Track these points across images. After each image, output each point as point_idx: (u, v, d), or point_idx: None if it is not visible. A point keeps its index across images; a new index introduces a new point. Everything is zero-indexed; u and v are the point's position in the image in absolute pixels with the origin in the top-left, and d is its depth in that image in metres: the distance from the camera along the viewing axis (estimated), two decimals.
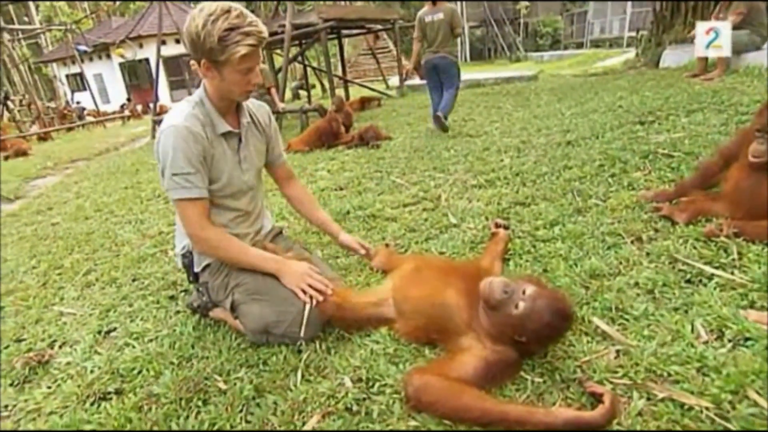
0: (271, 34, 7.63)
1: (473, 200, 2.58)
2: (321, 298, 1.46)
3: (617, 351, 1.26)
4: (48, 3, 24.02)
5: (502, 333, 1.20)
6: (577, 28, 22.83)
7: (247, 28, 1.35)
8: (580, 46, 21.36)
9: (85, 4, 24.55)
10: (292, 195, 1.94)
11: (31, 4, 20.30)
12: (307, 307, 1.45)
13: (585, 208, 2.19)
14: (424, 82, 5.11)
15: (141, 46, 17.89)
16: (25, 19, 22.47)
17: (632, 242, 1.81)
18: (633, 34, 14.20)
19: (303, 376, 1.35)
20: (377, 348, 1.42)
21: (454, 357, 1.24)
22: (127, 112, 15.68)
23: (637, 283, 1.53)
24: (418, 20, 4.66)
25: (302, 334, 1.44)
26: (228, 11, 1.34)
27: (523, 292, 1.18)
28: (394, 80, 11.83)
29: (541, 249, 1.89)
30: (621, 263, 1.68)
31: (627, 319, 1.38)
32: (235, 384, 1.35)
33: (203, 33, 1.34)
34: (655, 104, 3.92)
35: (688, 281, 1.51)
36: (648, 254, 1.71)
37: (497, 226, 2.03)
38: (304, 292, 1.47)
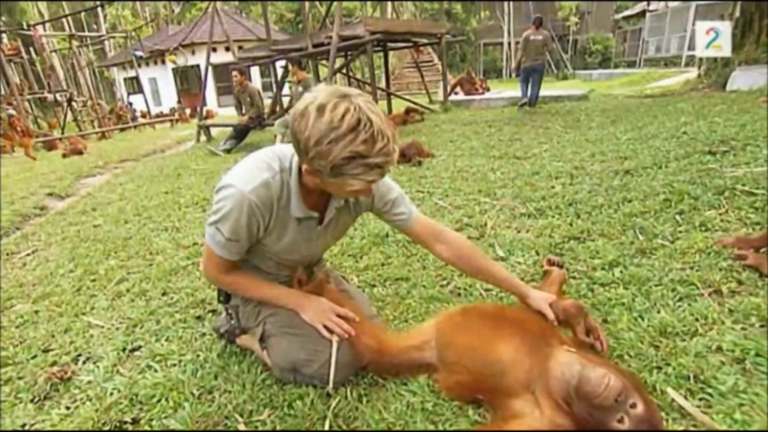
0: (318, 45, 7.71)
1: (522, 230, 2.39)
2: (347, 336, 1.31)
3: None
4: (114, 12, 25.67)
5: (578, 422, 1.01)
6: (630, 46, 21.95)
7: (374, 158, 1.00)
8: (631, 64, 20.51)
9: (147, 13, 26.06)
10: (445, 254, 1.45)
11: (99, 11, 21.75)
12: (335, 346, 1.31)
13: (649, 249, 1.96)
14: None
15: (193, 52, 18.69)
16: (94, 26, 24.08)
17: (710, 295, 1.58)
18: (694, 53, 13.46)
19: (330, 426, 1.22)
20: (414, 401, 1.27)
21: (502, 426, 1.07)
22: (176, 116, 16.32)
23: (720, 348, 1.31)
24: (524, 38, 7.23)
25: (330, 383, 1.30)
26: (355, 128, 0.98)
27: (632, 406, 0.98)
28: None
29: (600, 294, 1.68)
30: (697, 320, 1.45)
31: (710, 394, 1.16)
32: (256, 427, 1.24)
33: (314, 150, 1.00)
34: (727, 132, 3.57)
35: None
36: (731, 312, 1.47)
37: (550, 263, 1.84)
38: (329, 330, 1.32)
